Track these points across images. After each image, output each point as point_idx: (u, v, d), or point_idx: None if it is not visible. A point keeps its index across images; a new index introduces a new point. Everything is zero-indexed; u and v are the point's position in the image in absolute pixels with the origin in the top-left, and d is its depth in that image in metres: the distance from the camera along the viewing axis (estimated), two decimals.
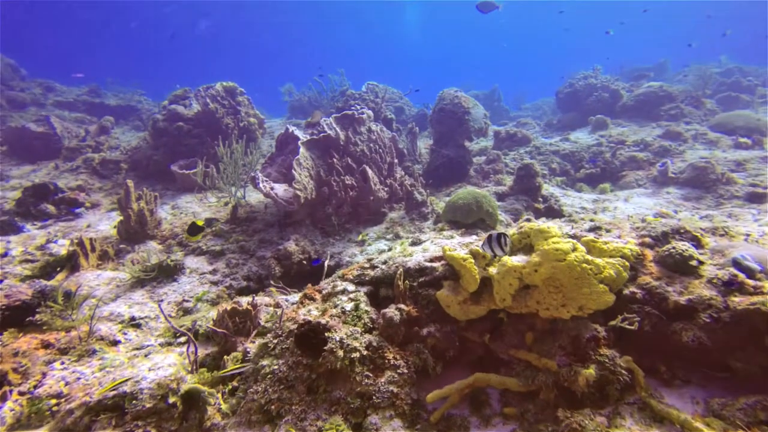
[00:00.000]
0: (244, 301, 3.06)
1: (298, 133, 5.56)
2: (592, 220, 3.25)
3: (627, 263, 2.54)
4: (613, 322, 2.64)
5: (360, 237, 4.82)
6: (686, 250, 2.60)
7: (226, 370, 2.33)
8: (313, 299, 2.81)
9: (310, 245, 4.73)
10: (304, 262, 4.60)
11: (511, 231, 2.81)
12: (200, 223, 3.74)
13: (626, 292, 2.70)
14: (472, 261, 2.67)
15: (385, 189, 5.29)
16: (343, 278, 3.00)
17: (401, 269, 2.79)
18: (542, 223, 2.65)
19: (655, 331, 2.58)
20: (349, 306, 2.67)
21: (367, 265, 3.04)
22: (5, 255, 3.70)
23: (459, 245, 2.88)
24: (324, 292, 2.87)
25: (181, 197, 6.92)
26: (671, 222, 2.96)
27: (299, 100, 14.02)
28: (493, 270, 2.70)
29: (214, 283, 3.98)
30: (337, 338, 2.36)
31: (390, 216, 5.15)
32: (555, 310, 2.52)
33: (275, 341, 2.44)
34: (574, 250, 2.49)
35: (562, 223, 3.40)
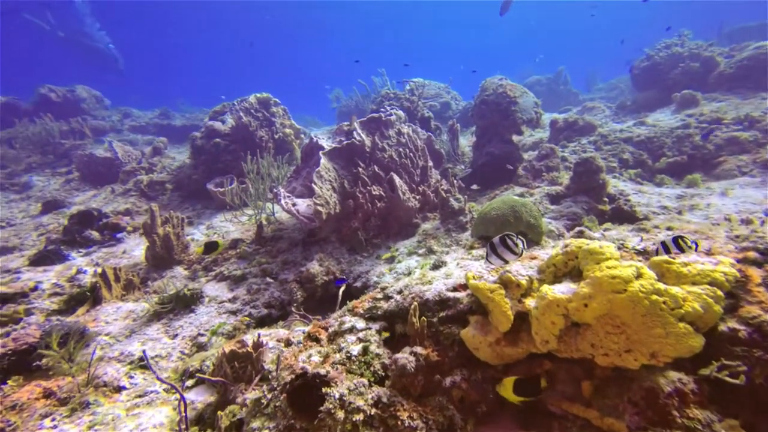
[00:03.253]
0: (251, 339, 2.89)
1: (323, 142, 5.41)
2: (669, 228, 2.62)
3: (719, 292, 1.94)
4: (705, 371, 2.05)
5: (389, 253, 4.51)
6: None
7: None
8: (317, 340, 2.55)
9: (335, 264, 4.52)
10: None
11: (554, 250, 2.32)
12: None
13: (723, 328, 2.09)
14: (502, 292, 2.23)
15: (417, 197, 4.92)
16: (352, 312, 2.71)
17: (416, 303, 2.43)
18: (594, 241, 2.13)
19: None
20: (356, 349, 2.37)
21: (379, 296, 2.72)
22: (35, 289, 3.95)
23: (488, 270, 2.45)
24: (330, 330, 2.60)
25: (217, 216, 7.13)
26: None
27: (347, 106, 14.14)
28: (530, 302, 2.24)
29: (233, 313, 3.90)
30: (337, 395, 2.06)
31: (423, 227, 4.77)
32: (617, 356, 2.00)
33: (269, 396, 2.21)
34: (639, 276, 1.95)
35: (629, 233, 2.80)
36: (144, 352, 2.69)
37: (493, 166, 5.53)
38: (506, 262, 2.18)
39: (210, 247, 4.19)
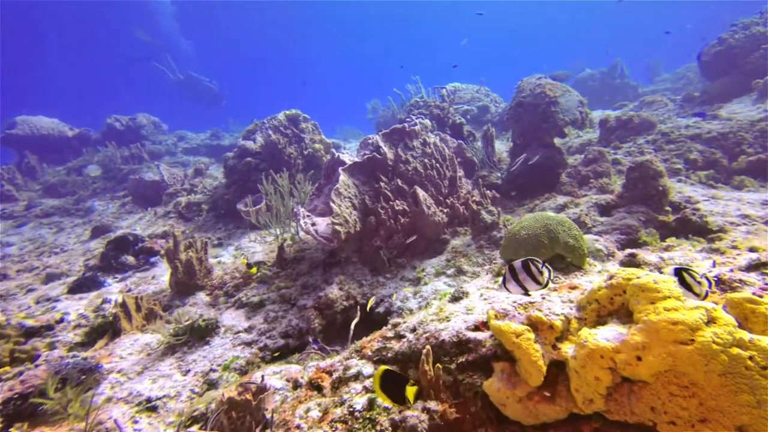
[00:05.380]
0: (256, 380, 2.69)
1: (344, 157, 5.23)
2: (753, 249, 2.10)
3: None
4: None
5: (416, 273, 4.19)
6: None
7: None
8: (319, 388, 2.29)
9: (357, 287, 4.27)
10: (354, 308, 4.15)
11: (597, 282, 1.91)
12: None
13: None
14: (531, 337, 1.85)
15: (445, 211, 4.58)
16: (360, 353, 2.43)
17: (429, 346, 2.10)
18: (646, 274, 1.71)
19: None
20: (361, 402, 2.08)
21: (390, 334, 2.42)
22: (62, 321, 4.04)
23: (515, 305, 2.07)
24: (335, 375, 2.33)
25: (246, 236, 7.16)
26: None
27: (383, 116, 14.07)
28: (568, 348, 1.85)
29: (248, 344, 3.76)
30: None
31: (452, 243, 4.41)
32: (688, 427, 1.56)
33: None
34: (711, 321, 1.51)
35: (698, 253, 2.30)
36: (115, 422, 2.55)
37: (531, 173, 5.06)
38: (527, 292, 1.82)
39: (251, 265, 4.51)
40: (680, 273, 1.58)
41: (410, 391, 1.70)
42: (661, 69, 16.41)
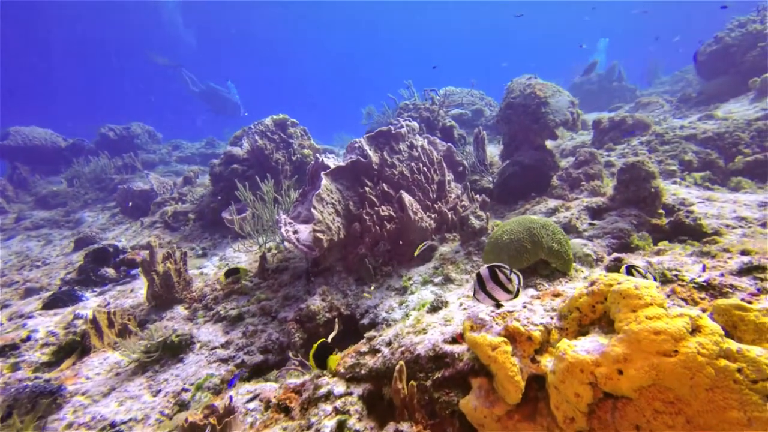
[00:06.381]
0: (223, 403, 2.58)
1: (329, 161, 5.15)
2: (745, 252, 2.02)
3: None
4: None
5: (402, 282, 4.09)
6: None
7: None
8: (287, 410, 2.18)
9: (341, 298, 4.17)
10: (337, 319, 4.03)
11: (578, 289, 1.82)
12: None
13: None
14: (507, 350, 1.75)
15: (433, 216, 4.49)
16: (332, 370, 2.32)
17: (402, 362, 2.00)
18: (627, 279, 1.62)
19: None
20: (330, 425, 1.97)
21: (365, 349, 2.32)
22: (28, 339, 3.92)
23: (492, 315, 1.98)
24: (304, 395, 2.23)
25: (231, 246, 7.05)
26: None
27: (378, 122, 14.05)
28: (548, 362, 1.75)
29: (224, 361, 3.64)
30: None
31: (440, 250, 4.31)
32: None
33: None
34: (696, 330, 1.43)
35: (689, 257, 2.21)
36: None
37: (522, 176, 4.98)
38: (498, 302, 1.73)
39: (231, 273, 4.41)
40: (631, 272, 1.52)
41: (333, 360, 2.21)
42: (660, 72, 16.53)
